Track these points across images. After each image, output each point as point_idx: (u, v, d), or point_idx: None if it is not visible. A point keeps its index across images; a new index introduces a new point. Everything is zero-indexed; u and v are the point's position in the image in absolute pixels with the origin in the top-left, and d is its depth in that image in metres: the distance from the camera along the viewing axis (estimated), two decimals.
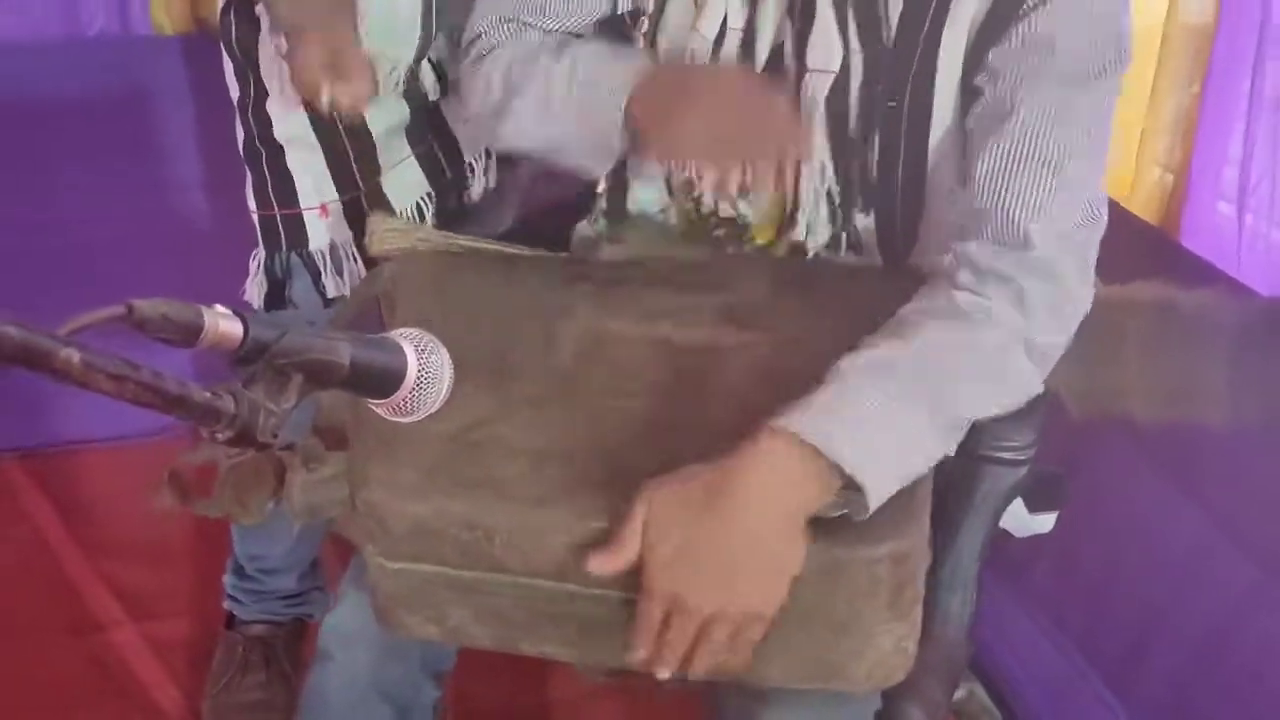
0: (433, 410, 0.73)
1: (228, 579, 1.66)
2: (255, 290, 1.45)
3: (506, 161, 1.40)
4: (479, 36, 1.13)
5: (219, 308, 0.59)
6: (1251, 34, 1.23)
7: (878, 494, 0.79)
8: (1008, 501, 1.06)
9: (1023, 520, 1.15)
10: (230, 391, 0.59)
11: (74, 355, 0.50)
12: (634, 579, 0.81)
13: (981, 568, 1.07)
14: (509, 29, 1.11)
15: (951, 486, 1.03)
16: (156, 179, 1.85)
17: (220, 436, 0.58)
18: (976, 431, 0.98)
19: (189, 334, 0.56)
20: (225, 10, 1.37)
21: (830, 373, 0.84)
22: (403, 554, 0.88)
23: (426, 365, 0.70)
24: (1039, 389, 0.92)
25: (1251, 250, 1.24)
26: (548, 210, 1.27)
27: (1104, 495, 1.44)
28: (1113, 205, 0.99)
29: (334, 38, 1.23)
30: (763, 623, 0.81)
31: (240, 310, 0.60)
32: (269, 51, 1.33)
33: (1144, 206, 1.35)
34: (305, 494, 0.92)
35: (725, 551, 0.79)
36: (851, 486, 0.79)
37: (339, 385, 0.65)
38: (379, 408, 0.71)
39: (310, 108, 1.31)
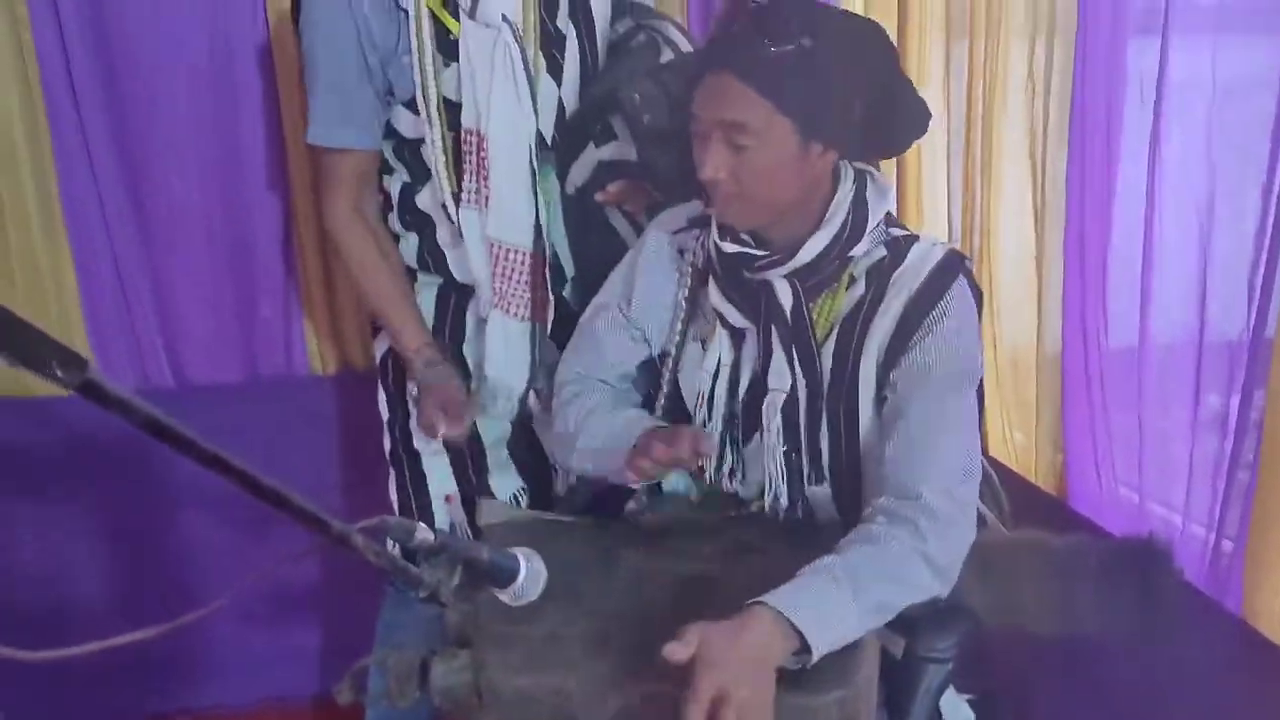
0: (533, 598, 1.17)
1: None
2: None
3: None
4: (565, 384, 1.64)
5: (421, 525, 1.05)
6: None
7: (818, 648, 1.18)
8: (942, 690, 1.43)
9: None
10: (427, 572, 1.04)
11: (359, 538, 0.96)
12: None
13: None
14: (583, 382, 1.62)
15: (903, 682, 1.43)
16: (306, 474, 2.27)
17: (420, 596, 1.03)
18: (916, 640, 1.40)
19: (409, 537, 1.03)
20: (384, 359, 1.89)
21: (796, 575, 1.25)
22: (509, 717, 1.27)
23: (530, 568, 1.15)
24: (941, 593, 1.30)
25: (1111, 505, 1.66)
26: (607, 493, 1.67)
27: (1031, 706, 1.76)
28: (1018, 477, 1.42)
29: (446, 391, 1.76)
30: (769, 712, 1.15)
31: (431, 526, 1.06)
32: (413, 389, 1.84)
33: (1044, 480, 1.80)
34: (444, 680, 1.29)
35: (745, 664, 1.14)
36: (803, 648, 1.19)
37: (481, 574, 1.10)
38: (501, 594, 1.15)
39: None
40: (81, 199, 2.16)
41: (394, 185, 1.80)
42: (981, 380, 1.46)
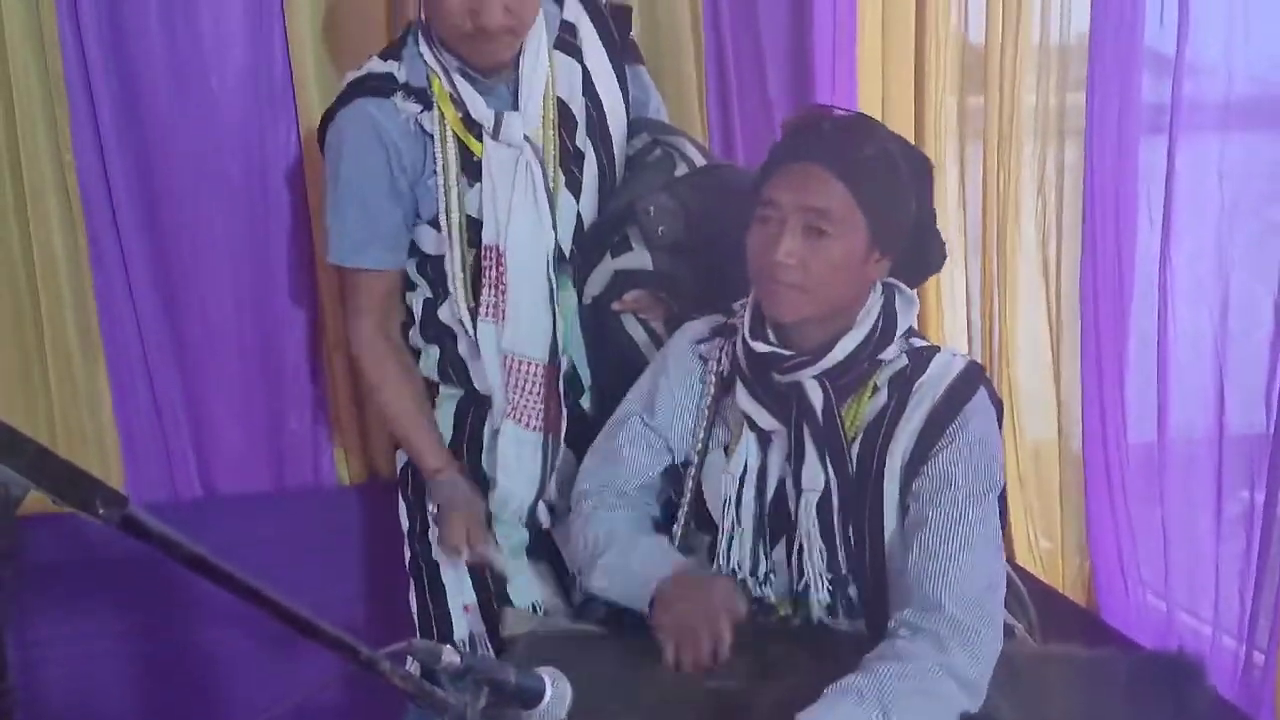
0: (561, 719, 1.17)
1: None
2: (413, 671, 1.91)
3: None
4: (584, 496, 1.65)
5: (448, 648, 1.06)
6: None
7: None
8: None
9: None
10: (452, 694, 1.05)
11: (386, 663, 0.97)
12: None
13: None
14: (602, 495, 1.64)
15: None
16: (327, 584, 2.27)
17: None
18: None
19: (435, 660, 1.03)
20: (404, 469, 1.92)
21: (824, 694, 1.26)
22: None
23: (556, 689, 1.15)
24: (970, 707, 1.29)
25: (1139, 614, 1.65)
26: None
27: None
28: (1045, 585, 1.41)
29: (469, 517, 1.79)
30: None
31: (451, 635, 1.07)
32: (432, 508, 1.86)
33: (1071, 588, 1.79)
34: None
35: None
36: None
37: (507, 695, 1.11)
38: (526, 716, 1.16)
39: None
40: (118, 313, 2.22)
41: (416, 300, 1.85)
42: (1004, 488, 1.46)
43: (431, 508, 1.85)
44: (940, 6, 2.16)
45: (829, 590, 1.48)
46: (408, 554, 1.91)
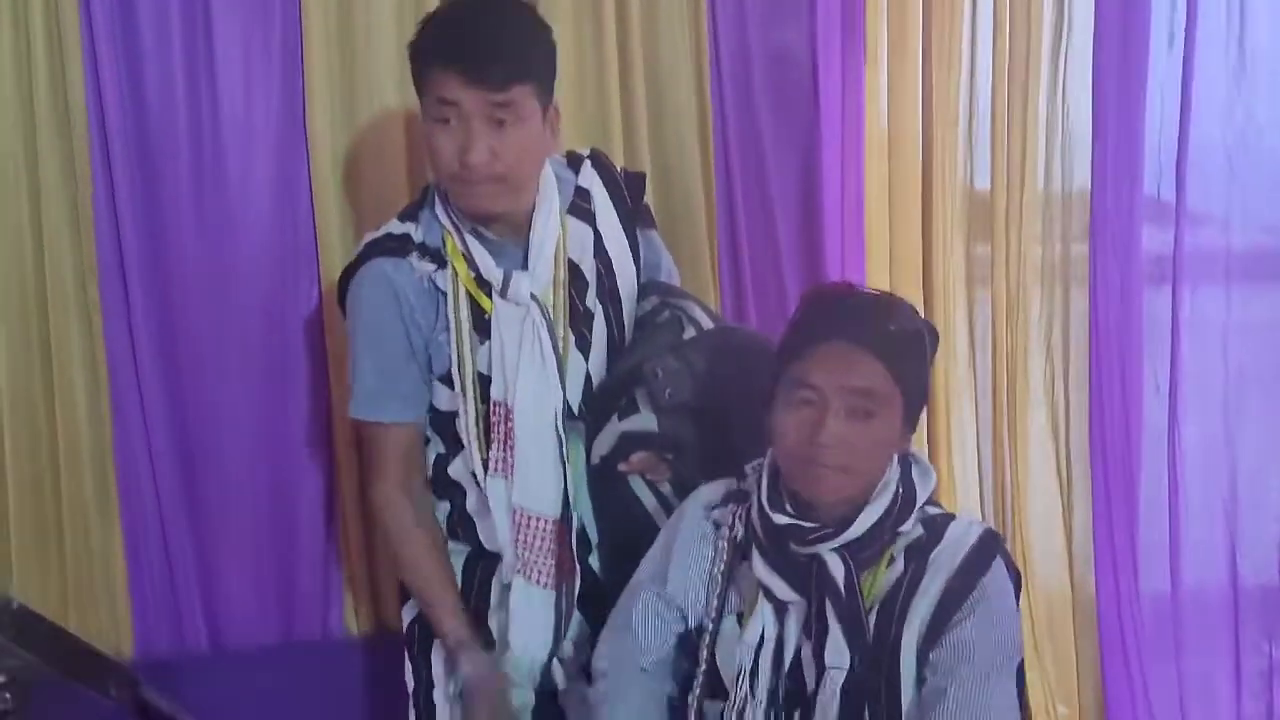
0: None
1: None
2: None
3: None
4: (599, 675, 1.64)
5: None
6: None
7: None
8: None
9: None
10: None
11: None
12: None
13: None
14: (618, 675, 1.62)
15: None
16: None
17: None
18: None
19: None
20: (410, 626, 1.92)
21: None
22: None
23: None
24: None
25: None
26: None
27: None
28: None
29: (493, 697, 1.77)
30: None
31: None
32: (440, 662, 1.85)
33: None
34: None
35: None
36: None
37: None
38: None
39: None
40: (135, 467, 2.24)
41: (429, 455, 1.87)
42: (1021, 658, 1.46)
43: (452, 688, 1.84)
44: (947, 158, 2.23)
45: None
46: (412, 714, 1.90)
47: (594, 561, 1.87)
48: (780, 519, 1.47)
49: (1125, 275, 1.75)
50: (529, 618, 1.80)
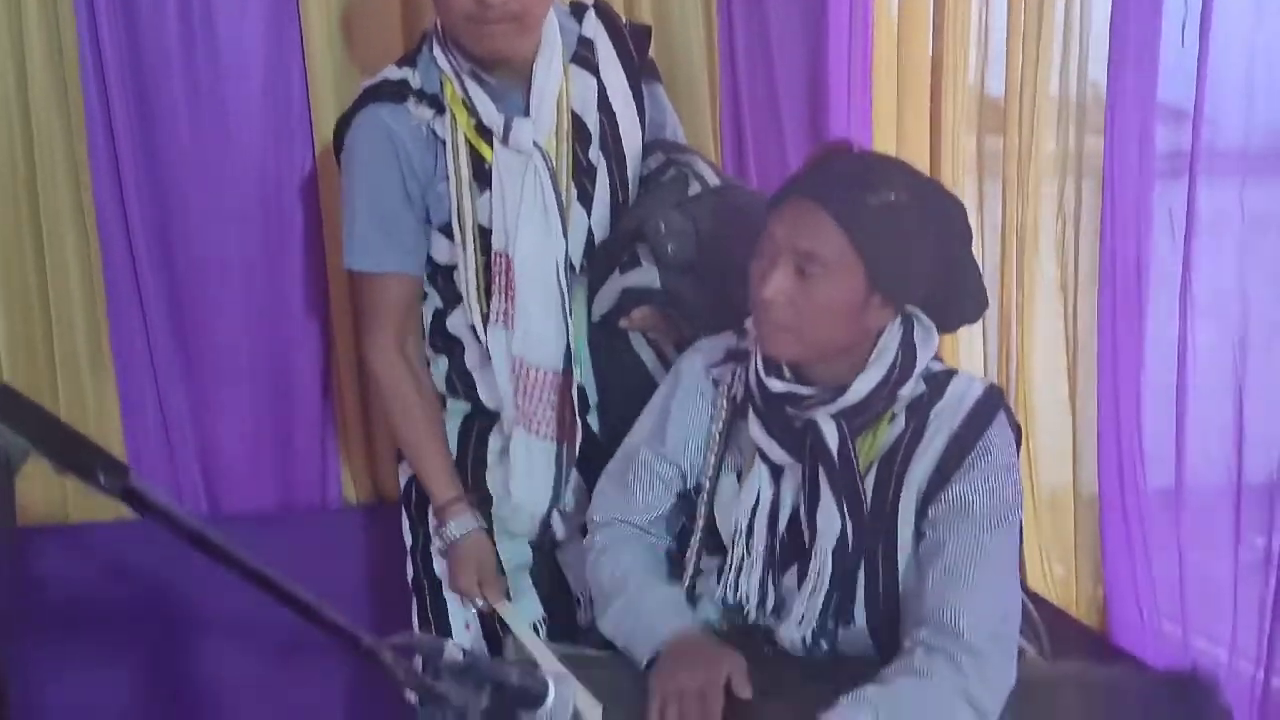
0: None
1: None
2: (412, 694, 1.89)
3: None
4: (597, 529, 1.63)
5: (451, 643, 1.04)
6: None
7: None
8: None
9: None
10: (454, 692, 1.03)
11: (388, 654, 0.95)
12: None
13: None
14: (615, 530, 1.61)
15: None
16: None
17: (447, 717, 1.02)
18: None
19: (438, 655, 1.02)
20: (408, 485, 1.91)
21: (837, 702, 1.24)
22: None
23: (560, 691, 1.14)
24: None
25: (1154, 639, 1.63)
26: None
27: None
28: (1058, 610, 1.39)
29: (481, 562, 1.79)
30: None
31: (459, 645, 1.06)
32: (434, 523, 1.85)
33: (1084, 615, 1.77)
34: None
35: None
36: None
37: (509, 697, 1.09)
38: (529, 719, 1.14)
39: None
40: (129, 331, 2.22)
41: (426, 310, 1.85)
42: (1020, 516, 1.45)
43: (438, 543, 1.84)
44: (957, 61, 2.16)
45: (830, 627, 1.45)
46: (410, 570, 1.90)
47: (593, 420, 1.85)
48: (777, 385, 1.44)
49: (1140, 169, 1.71)
50: (529, 470, 1.79)
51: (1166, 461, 1.60)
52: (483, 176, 1.73)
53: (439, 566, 1.86)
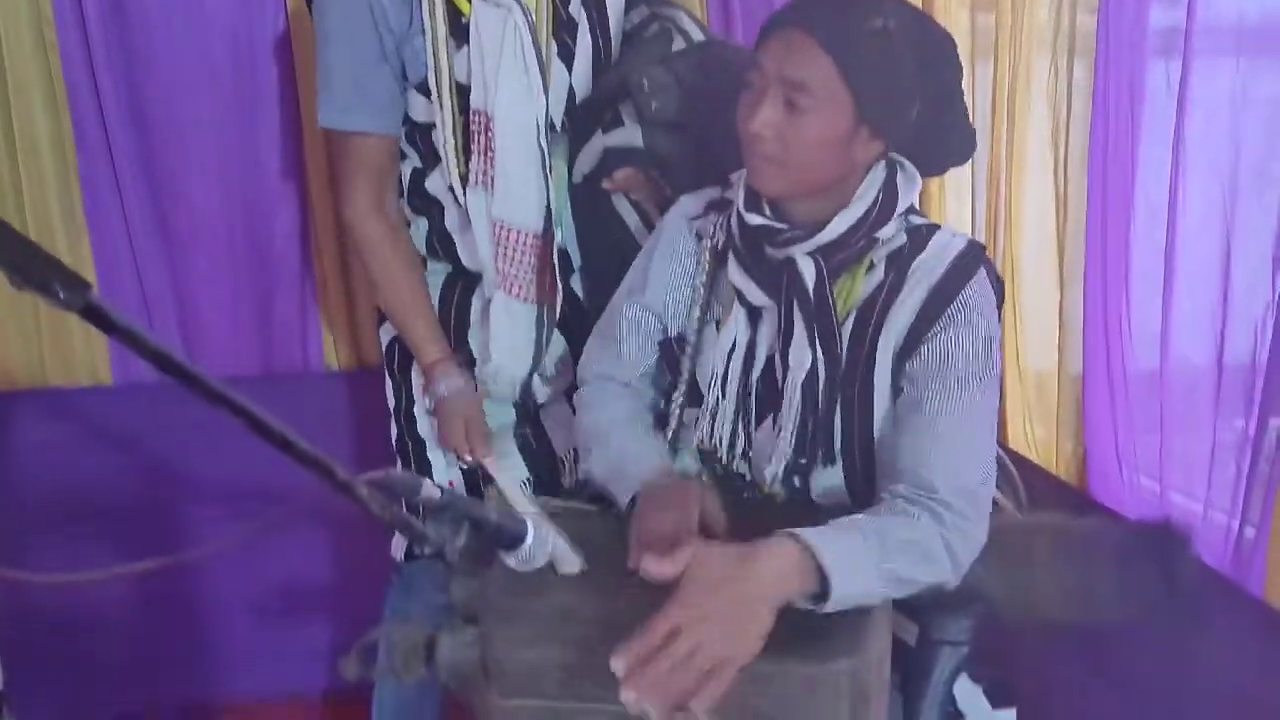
0: (540, 564, 1.15)
1: None
2: (398, 545, 1.91)
3: None
4: (583, 383, 1.63)
5: (428, 481, 1.04)
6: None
7: (837, 596, 1.16)
8: (956, 674, 1.41)
9: (989, 716, 1.51)
10: (432, 528, 1.03)
11: (363, 488, 0.95)
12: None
13: None
14: (602, 386, 1.60)
15: (917, 667, 1.42)
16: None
17: (425, 552, 1.02)
18: (930, 624, 1.39)
19: (413, 493, 1.02)
20: (390, 345, 1.89)
21: (828, 524, 1.23)
22: (515, 691, 1.24)
23: (538, 533, 1.14)
24: (953, 579, 1.28)
25: (1132, 495, 1.65)
26: None
27: (1046, 691, 1.74)
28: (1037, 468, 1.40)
29: (469, 418, 1.77)
30: (733, 669, 1.08)
31: (440, 485, 1.05)
32: (420, 379, 1.84)
33: (1065, 471, 1.79)
34: (451, 655, 1.25)
35: (730, 602, 1.10)
36: (820, 596, 1.16)
37: (488, 535, 1.09)
38: (508, 558, 1.14)
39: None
40: (103, 199, 2.19)
41: (405, 171, 1.80)
42: (1000, 373, 1.44)
43: (427, 402, 1.82)
44: None
45: (805, 472, 1.44)
46: (393, 431, 1.89)
47: (575, 284, 1.83)
48: (754, 220, 1.43)
49: (1132, 46, 1.67)
50: (510, 333, 1.77)
51: (1151, 344, 1.60)
52: (460, 31, 1.67)
53: (423, 427, 1.85)
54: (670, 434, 1.55)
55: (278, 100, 2.20)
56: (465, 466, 1.83)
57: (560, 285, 1.77)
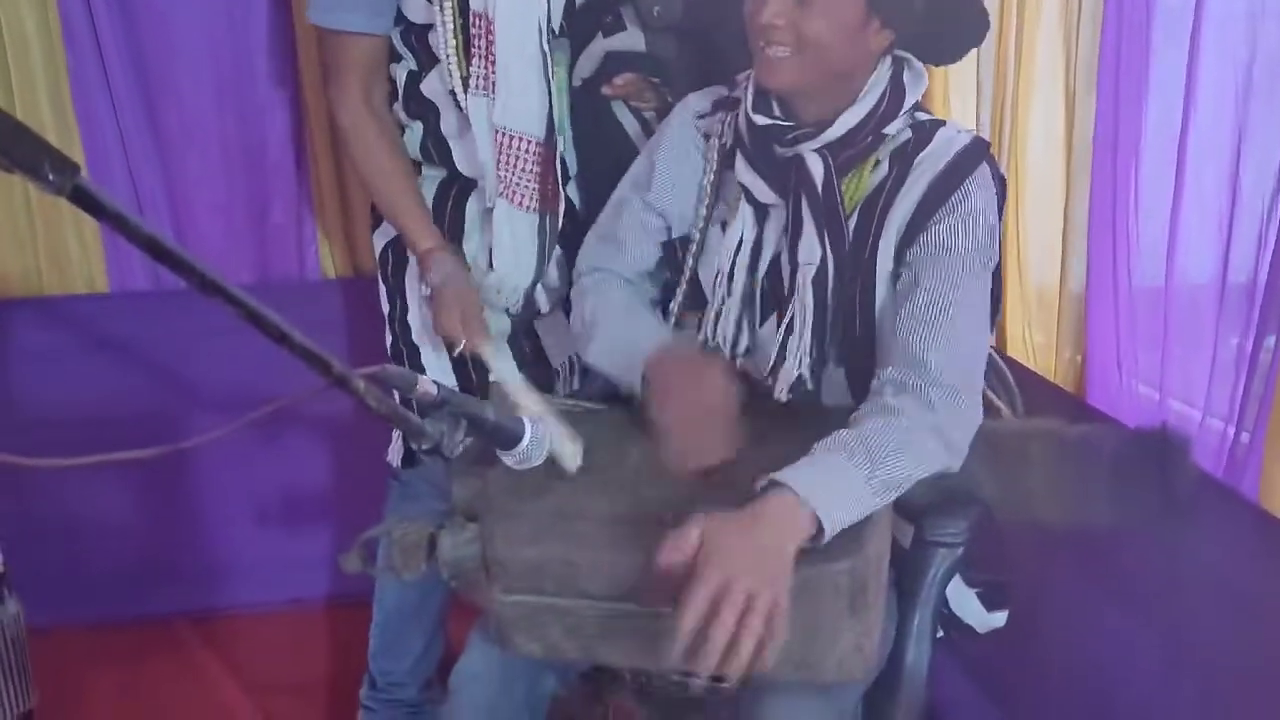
0: (538, 463, 1.15)
1: (363, 692, 2.03)
2: (395, 453, 1.91)
3: None
4: (582, 274, 1.62)
5: (424, 377, 1.04)
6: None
7: (832, 529, 1.16)
8: (950, 575, 1.43)
9: (982, 618, 1.52)
10: (429, 424, 1.03)
11: (359, 382, 0.95)
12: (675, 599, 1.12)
13: (934, 627, 1.44)
14: (602, 276, 1.59)
15: (913, 567, 1.43)
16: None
17: (423, 448, 1.02)
18: (925, 524, 1.39)
19: (409, 388, 1.01)
20: (384, 251, 1.87)
21: (812, 449, 1.24)
22: (517, 588, 1.25)
23: (535, 432, 1.14)
24: (952, 465, 1.29)
25: (1129, 401, 1.65)
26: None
27: (1040, 595, 1.76)
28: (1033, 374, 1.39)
29: (464, 304, 1.74)
30: (782, 607, 1.10)
31: (436, 381, 1.05)
32: (414, 285, 1.82)
33: (1063, 379, 1.78)
34: (452, 552, 1.27)
35: (756, 555, 1.11)
36: (818, 531, 1.17)
37: (485, 433, 1.09)
38: (505, 457, 1.14)
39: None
40: (95, 106, 2.17)
41: (400, 73, 1.77)
42: (999, 270, 1.43)
43: (424, 290, 1.79)
44: None
45: (812, 369, 1.44)
46: (388, 338, 1.88)
47: (573, 192, 1.80)
48: (762, 119, 1.42)
49: None
50: (513, 242, 1.74)
51: (1157, 259, 1.58)
52: None
53: (417, 334, 1.84)
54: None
55: (270, 2, 2.16)
56: (458, 356, 1.80)
57: (563, 191, 1.74)
